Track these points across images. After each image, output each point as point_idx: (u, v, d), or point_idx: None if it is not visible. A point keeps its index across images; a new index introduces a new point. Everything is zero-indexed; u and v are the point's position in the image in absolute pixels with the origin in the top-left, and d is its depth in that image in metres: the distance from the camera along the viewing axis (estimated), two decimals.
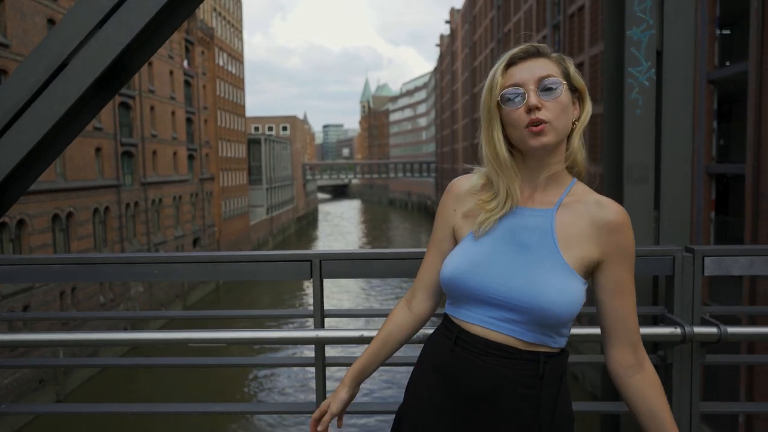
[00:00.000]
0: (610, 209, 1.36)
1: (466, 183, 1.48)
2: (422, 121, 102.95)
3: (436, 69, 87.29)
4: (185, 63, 39.44)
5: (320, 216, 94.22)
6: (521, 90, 1.33)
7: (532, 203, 1.41)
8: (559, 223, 1.37)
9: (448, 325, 1.43)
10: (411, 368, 1.57)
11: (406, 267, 1.87)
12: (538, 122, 1.32)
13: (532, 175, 1.41)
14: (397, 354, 1.64)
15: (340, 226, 79.11)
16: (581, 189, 1.42)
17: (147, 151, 31.86)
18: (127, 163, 30.08)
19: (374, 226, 79.15)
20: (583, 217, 1.37)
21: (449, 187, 1.51)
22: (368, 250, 1.91)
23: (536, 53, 1.37)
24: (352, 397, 1.54)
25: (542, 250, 1.35)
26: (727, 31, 16.85)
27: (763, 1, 14.06)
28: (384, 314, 2.16)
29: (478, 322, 1.37)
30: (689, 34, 2.04)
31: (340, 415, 1.54)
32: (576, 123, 1.40)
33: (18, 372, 19.10)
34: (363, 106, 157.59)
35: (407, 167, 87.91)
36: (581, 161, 1.42)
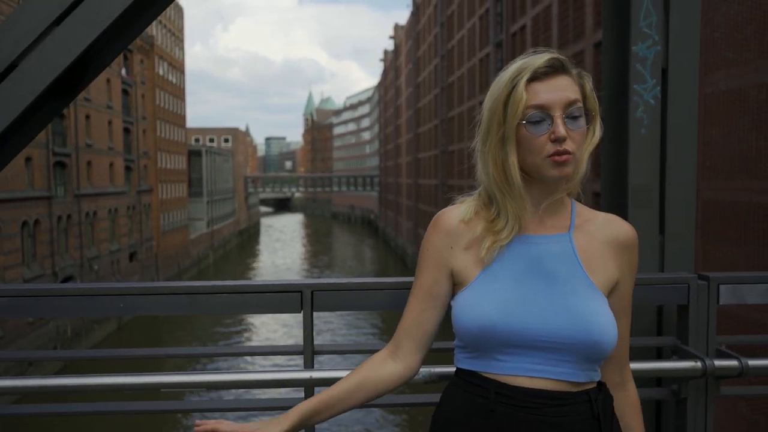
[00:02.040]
0: (621, 227, 1.31)
1: (456, 214, 1.31)
2: (366, 135, 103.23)
3: (379, 84, 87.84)
4: (123, 71, 38.18)
5: (262, 229, 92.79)
6: (548, 114, 1.18)
7: (543, 230, 1.28)
8: (578, 247, 1.26)
9: (475, 382, 1.25)
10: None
11: (406, 298, 1.70)
12: (564, 153, 1.18)
13: (537, 199, 1.27)
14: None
15: (283, 240, 78.07)
16: (584, 209, 1.33)
17: (81, 161, 30.52)
18: (60, 173, 28.71)
19: (317, 239, 78.50)
20: (597, 238, 1.28)
21: (437, 222, 1.32)
22: (365, 279, 1.73)
23: (561, 69, 1.22)
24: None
25: (573, 277, 1.23)
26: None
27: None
28: None
29: (520, 372, 1.20)
30: (695, 52, 1.97)
31: None
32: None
33: None
34: (306, 119, 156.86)
35: (351, 181, 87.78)
36: (578, 183, 1.30)
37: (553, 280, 1.23)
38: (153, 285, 1.71)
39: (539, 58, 1.21)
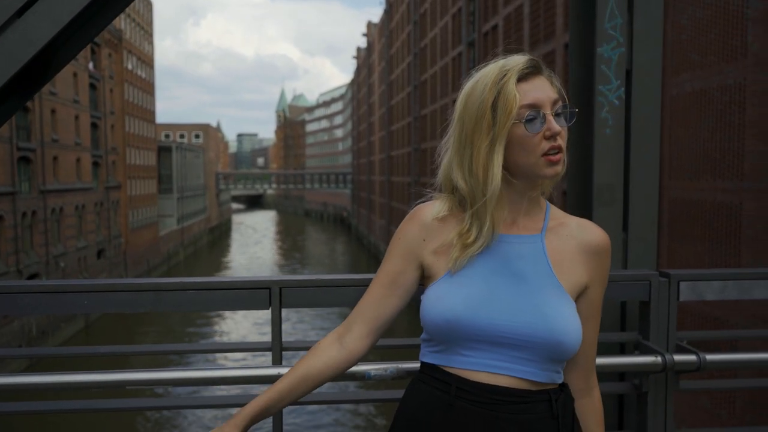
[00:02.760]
0: (594, 232, 1.31)
1: (430, 211, 1.32)
2: (339, 133, 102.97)
3: (353, 81, 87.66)
4: (91, 65, 37.40)
5: (234, 227, 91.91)
6: (540, 112, 1.20)
7: (516, 230, 1.29)
8: (549, 249, 1.27)
9: (437, 376, 1.26)
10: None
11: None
12: (558, 150, 1.21)
13: (515, 200, 1.29)
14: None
15: (255, 237, 77.47)
16: (558, 212, 1.35)
17: (47, 156, 29.84)
18: (25, 169, 28.03)
19: (290, 237, 78.05)
20: (570, 242, 1.29)
21: (414, 215, 1.33)
22: (334, 276, 1.73)
23: (540, 69, 1.24)
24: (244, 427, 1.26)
25: (541, 278, 1.24)
26: None
27: (662, 27, 15.03)
28: None
29: (481, 368, 1.22)
30: (658, 54, 2.01)
31: None
32: None
33: None
34: (279, 116, 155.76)
35: (323, 178, 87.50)
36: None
37: (521, 280, 1.24)
38: (118, 282, 1.69)
39: (519, 60, 1.23)
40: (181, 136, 79.90)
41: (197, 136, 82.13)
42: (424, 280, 1.34)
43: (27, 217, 27.58)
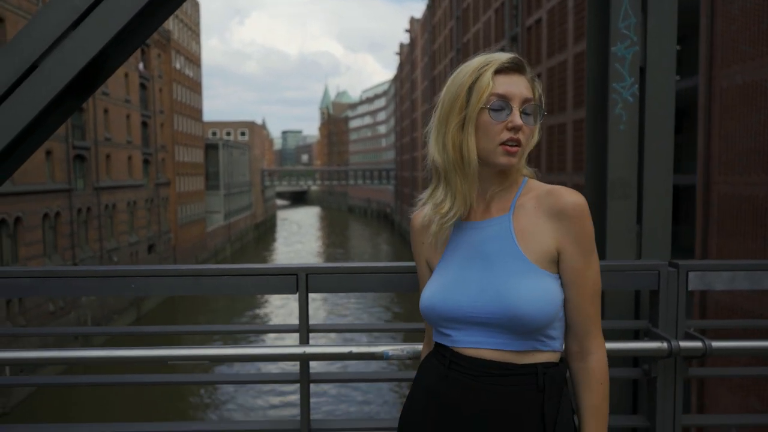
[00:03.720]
0: (560, 195, 1.32)
1: (420, 216, 1.47)
2: (382, 129, 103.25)
3: (395, 77, 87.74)
4: (141, 65, 38.58)
5: (279, 222, 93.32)
6: (508, 105, 1.30)
7: (488, 215, 1.38)
8: (516, 225, 1.35)
9: (440, 350, 1.41)
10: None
11: (396, 281, 1.83)
12: (516, 143, 1.30)
13: (483, 187, 1.38)
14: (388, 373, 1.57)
15: (299, 233, 78.50)
16: (534, 184, 1.41)
17: (100, 154, 30.98)
18: (80, 166, 29.19)
19: (333, 232, 78.84)
20: (537, 210, 1.35)
21: (411, 224, 1.52)
22: (357, 263, 1.87)
23: (522, 69, 1.35)
24: None
25: (505, 256, 1.32)
26: (678, 47, 17.42)
27: (711, 19, 14.61)
28: (370, 329, 2.11)
29: (465, 345, 1.34)
30: (672, 52, 2.07)
31: None
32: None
33: None
34: (322, 113, 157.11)
35: (367, 174, 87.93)
36: (522, 167, 1.42)
37: (487, 262, 1.33)
38: (161, 268, 1.86)
39: (503, 55, 1.33)
40: (228, 134, 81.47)
41: (243, 134, 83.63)
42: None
43: (82, 213, 28.72)
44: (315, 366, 1.93)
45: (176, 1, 2.13)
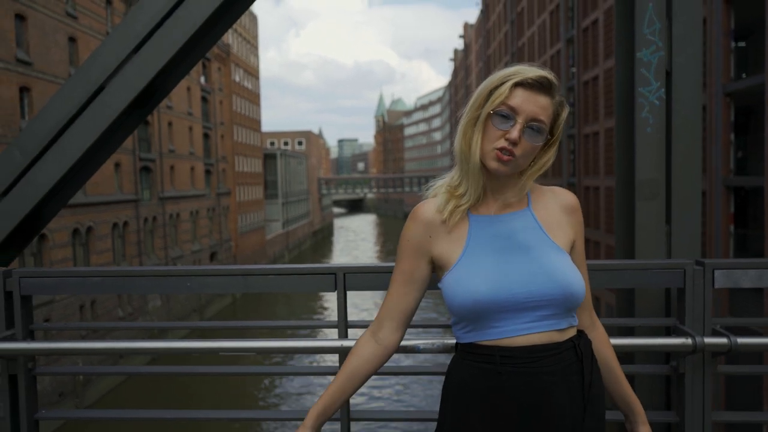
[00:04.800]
0: (565, 194, 1.55)
1: (432, 206, 1.49)
2: (437, 135, 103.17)
3: (450, 83, 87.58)
4: (202, 79, 40.02)
5: (336, 230, 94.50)
6: (514, 117, 1.38)
7: (508, 209, 1.49)
8: (539, 217, 1.49)
9: (478, 351, 1.43)
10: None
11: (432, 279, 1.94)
12: (509, 153, 1.39)
13: (497, 186, 1.47)
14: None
15: (356, 241, 79.28)
16: (535, 186, 1.55)
17: (165, 166, 32.29)
18: (146, 178, 30.50)
19: (390, 239, 79.15)
20: (551, 207, 1.52)
21: (416, 215, 1.50)
22: (391, 263, 1.99)
23: (547, 89, 1.41)
24: None
25: (541, 244, 1.45)
26: (743, 44, 16.82)
27: None
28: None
29: (514, 333, 1.41)
30: (697, 56, 2.12)
31: None
32: (534, 163, 1.46)
33: (39, 385, 19.36)
34: (377, 121, 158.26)
35: (422, 181, 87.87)
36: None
37: (525, 249, 1.44)
38: (214, 268, 2.05)
39: (533, 71, 1.40)
40: (285, 143, 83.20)
41: (300, 143, 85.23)
42: (436, 270, 1.52)
43: (148, 222, 30.00)
44: None
45: (225, 25, 2.33)
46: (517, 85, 1.40)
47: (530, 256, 1.43)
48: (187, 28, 2.21)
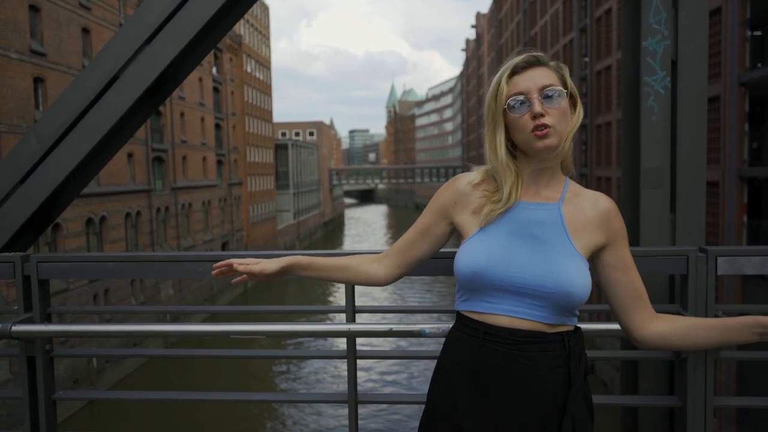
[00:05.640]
0: (605, 201, 1.55)
1: (467, 179, 1.60)
2: (448, 126, 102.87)
3: (462, 73, 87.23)
4: (214, 70, 40.12)
5: (346, 221, 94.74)
6: (526, 98, 1.47)
7: (538, 198, 1.54)
8: (565, 215, 1.52)
9: (467, 323, 1.52)
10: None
11: (437, 266, 1.97)
12: (543, 126, 1.45)
13: (534, 174, 1.54)
14: (412, 348, 1.73)
15: (367, 231, 79.45)
16: (576, 186, 1.58)
17: (177, 156, 32.49)
18: (158, 168, 30.71)
19: (400, 230, 79.21)
20: (584, 209, 1.53)
21: (451, 181, 1.62)
22: None
23: (537, 62, 1.51)
24: (276, 273, 1.66)
25: (556, 240, 1.49)
26: (758, 33, 16.62)
27: None
28: (413, 310, 2.29)
29: (503, 313, 1.47)
30: (703, 45, 2.13)
31: (252, 273, 1.65)
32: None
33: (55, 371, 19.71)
34: (389, 111, 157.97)
35: (433, 172, 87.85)
36: (569, 161, 1.58)
37: (537, 240, 1.49)
38: (224, 254, 2.09)
39: (517, 58, 1.51)
40: (296, 134, 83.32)
41: (311, 134, 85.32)
42: (459, 239, 1.62)
43: (161, 212, 30.24)
44: (361, 345, 2.14)
45: (236, 15, 2.36)
46: (511, 75, 1.50)
47: (539, 249, 1.48)
48: (199, 18, 2.25)
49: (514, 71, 1.49)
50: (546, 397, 1.44)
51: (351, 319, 2.06)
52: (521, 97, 1.47)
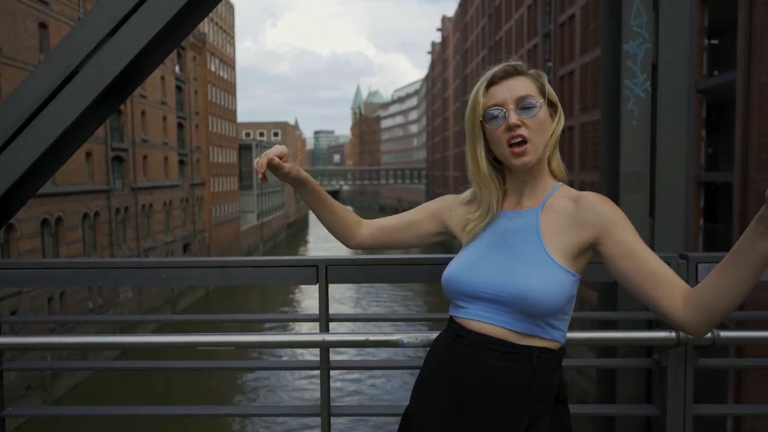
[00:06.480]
0: (589, 195, 1.46)
1: (459, 197, 1.66)
2: (413, 128, 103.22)
3: (427, 76, 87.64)
4: (177, 68, 39.38)
5: (311, 222, 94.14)
6: (502, 110, 1.44)
7: (519, 207, 1.52)
8: (544, 220, 1.47)
9: (451, 325, 1.55)
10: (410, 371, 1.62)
11: (411, 272, 1.91)
12: (520, 140, 1.42)
13: (517, 184, 1.53)
14: (399, 359, 1.68)
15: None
16: (565, 190, 1.52)
17: (137, 155, 31.75)
18: (118, 167, 29.96)
19: None
20: (565, 210, 1.47)
21: (448, 195, 1.68)
22: (375, 255, 1.96)
23: (514, 72, 1.48)
24: (292, 175, 1.60)
25: (526, 246, 1.45)
26: (716, 41, 17.08)
27: (750, 12, 14.29)
28: (389, 319, 2.21)
29: (473, 317, 1.47)
30: (683, 49, 2.11)
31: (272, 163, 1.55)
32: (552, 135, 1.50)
33: (5, 379, 18.98)
34: (354, 113, 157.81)
35: (398, 174, 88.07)
36: (557, 167, 1.54)
37: (508, 249, 1.47)
38: (191, 260, 1.98)
39: (493, 70, 1.49)
40: (261, 134, 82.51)
41: (276, 134, 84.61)
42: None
43: (120, 213, 29.49)
44: (335, 355, 2.05)
45: (205, 9, 2.25)
46: (489, 86, 1.47)
47: (507, 254, 1.46)
48: (166, 12, 2.13)
49: (492, 82, 1.48)
50: (509, 408, 1.40)
51: (324, 329, 1.97)
52: (497, 110, 1.45)
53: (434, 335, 1.82)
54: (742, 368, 12.91)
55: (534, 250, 1.44)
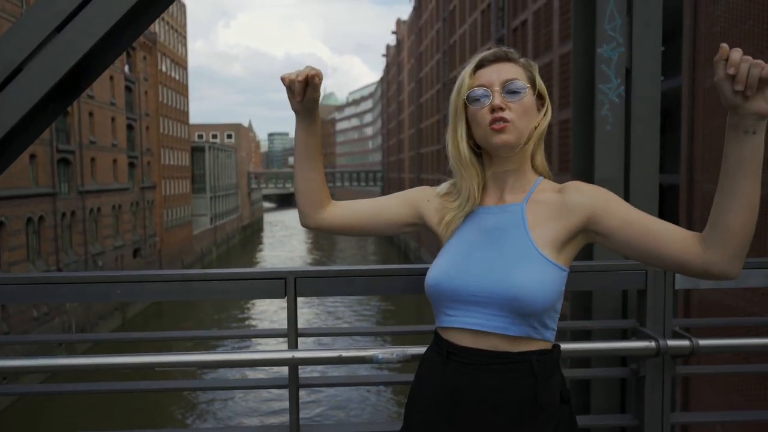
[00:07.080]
0: (571, 183, 1.44)
1: (437, 189, 1.56)
2: (369, 131, 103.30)
3: (382, 79, 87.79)
4: (126, 68, 38.30)
5: (266, 225, 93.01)
6: (488, 90, 1.38)
7: (501, 202, 1.45)
8: (529, 215, 1.41)
9: (437, 342, 1.46)
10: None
11: (386, 284, 1.83)
12: (501, 120, 1.36)
13: (497, 176, 1.46)
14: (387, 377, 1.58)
15: (286, 236, 78.28)
16: (548, 184, 1.48)
17: (85, 158, 30.69)
18: (64, 170, 28.88)
19: (320, 236, 78.62)
20: (551, 201, 1.42)
21: (427, 186, 1.59)
22: (346, 267, 1.86)
23: (504, 57, 1.43)
24: (307, 96, 1.41)
25: (514, 242, 1.38)
26: (662, 48, 17.59)
27: (694, 20, 14.77)
28: (361, 332, 2.10)
29: (463, 326, 1.38)
30: (657, 53, 2.09)
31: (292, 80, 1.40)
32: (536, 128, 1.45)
33: None
34: None
35: (353, 176, 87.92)
36: (541, 163, 1.49)
37: (497, 245, 1.39)
38: (149, 273, 1.84)
39: (487, 52, 1.44)
40: (214, 136, 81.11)
41: (229, 136, 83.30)
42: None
43: (66, 217, 28.43)
44: (304, 370, 1.94)
45: (160, 6, 2.12)
46: (477, 68, 1.42)
47: (495, 254, 1.38)
48: (118, 9, 1.99)
49: (480, 65, 1.42)
50: (516, 419, 1.34)
51: (293, 345, 1.86)
52: (482, 90, 1.38)
53: (411, 350, 1.74)
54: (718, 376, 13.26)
55: (522, 246, 1.37)
